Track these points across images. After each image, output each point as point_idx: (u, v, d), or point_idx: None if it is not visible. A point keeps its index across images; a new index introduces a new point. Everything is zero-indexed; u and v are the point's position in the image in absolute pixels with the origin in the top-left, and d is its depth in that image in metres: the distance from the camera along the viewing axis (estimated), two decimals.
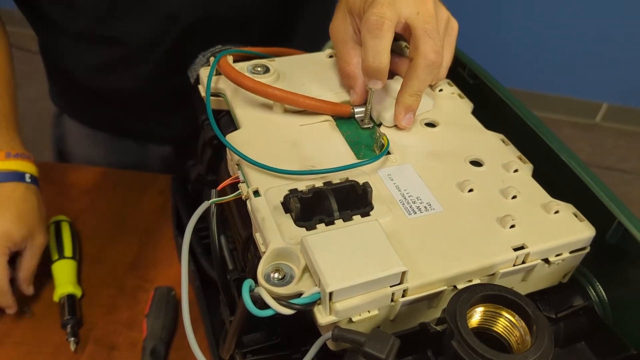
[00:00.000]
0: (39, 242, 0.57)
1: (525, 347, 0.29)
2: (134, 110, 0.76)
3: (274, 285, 0.31)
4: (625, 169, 1.94)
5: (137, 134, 0.81)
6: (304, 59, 0.50)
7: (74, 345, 0.55)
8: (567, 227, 0.36)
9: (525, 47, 1.98)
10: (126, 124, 0.79)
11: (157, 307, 0.57)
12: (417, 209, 0.36)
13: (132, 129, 0.80)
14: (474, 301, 0.30)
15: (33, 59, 0.66)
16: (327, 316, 0.30)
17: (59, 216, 0.66)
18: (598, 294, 0.39)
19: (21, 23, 0.69)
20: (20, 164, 0.57)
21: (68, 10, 0.62)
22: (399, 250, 0.32)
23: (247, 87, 0.42)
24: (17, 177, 0.56)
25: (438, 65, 0.41)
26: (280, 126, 0.42)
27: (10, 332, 0.56)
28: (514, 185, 0.39)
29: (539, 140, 0.43)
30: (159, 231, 0.68)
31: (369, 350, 0.28)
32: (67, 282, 0.59)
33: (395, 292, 0.31)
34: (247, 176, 0.38)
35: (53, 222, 0.65)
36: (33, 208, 0.56)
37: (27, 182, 0.56)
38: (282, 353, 0.37)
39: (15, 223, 0.54)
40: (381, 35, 0.39)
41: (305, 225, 0.34)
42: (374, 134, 0.43)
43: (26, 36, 0.67)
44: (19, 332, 0.56)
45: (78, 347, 0.56)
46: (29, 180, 0.57)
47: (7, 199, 0.55)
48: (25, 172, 0.57)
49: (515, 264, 0.35)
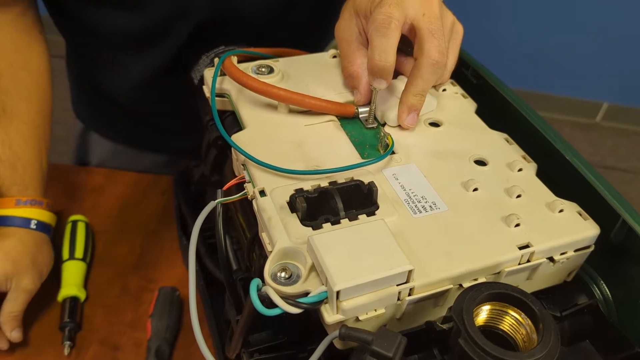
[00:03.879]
0: (25, 286, 0.54)
1: (532, 345, 0.29)
2: (163, 124, 0.76)
3: (281, 285, 0.31)
4: (625, 169, 1.94)
5: (166, 149, 0.81)
6: (307, 59, 0.50)
7: (68, 349, 0.55)
8: (571, 226, 0.36)
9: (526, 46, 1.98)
10: (153, 137, 0.79)
11: (161, 308, 0.57)
12: (423, 208, 0.37)
13: (160, 143, 0.80)
14: (481, 299, 0.30)
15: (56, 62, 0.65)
16: (334, 315, 0.30)
17: (77, 216, 0.66)
18: (602, 293, 0.39)
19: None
20: (30, 211, 0.56)
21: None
22: (405, 249, 0.32)
23: (252, 87, 0.42)
24: (22, 223, 0.56)
25: (442, 65, 0.41)
26: (285, 126, 0.42)
27: None
28: (518, 184, 0.39)
29: (542, 139, 0.43)
30: (162, 232, 0.68)
31: (377, 349, 0.28)
32: (72, 284, 0.59)
33: (402, 290, 0.31)
34: (253, 176, 0.38)
35: (71, 221, 0.65)
36: (27, 252, 0.55)
37: (31, 228, 0.56)
38: (289, 352, 0.37)
39: (1, 260, 0.53)
40: (388, 34, 0.40)
41: (311, 225, 0.34)
42: (378, 134, 0.43)
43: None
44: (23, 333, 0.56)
45: (73, 351, 0.55)
46: (34, 227, 0.56)
47: (3, 237, 0.54)
48: (32, 219, 0.56)
49: (521, 263, 0.35)
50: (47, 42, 0.63)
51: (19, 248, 0.55)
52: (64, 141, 0.86)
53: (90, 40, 0.67)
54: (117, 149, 0.81)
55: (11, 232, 0.55)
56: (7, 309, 0.54)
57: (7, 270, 0.53)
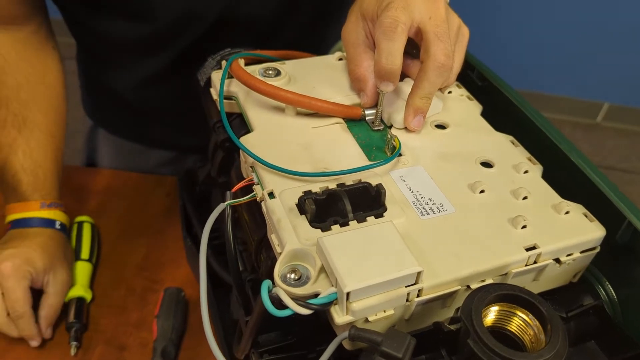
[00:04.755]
0: (62, 277, 0.58)
1: (540, 346, 0.29)
2: (170, 121, 0.77)
3: (291, 286, 0.31)
4: (626, 169, 1.94)
5: (173, 145, 0.82)
6: (313, 61, 0.51)
7: (74, 349, 0.55)
8: (577, 228, 0.37)
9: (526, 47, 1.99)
10: (159, 133, 0.80)
11: (167, 308, 0.57)
12: (430, 210, 0.37)
13: (166, 139, 0.81)
14: (489, 300, 0.30)
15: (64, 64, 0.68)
16: (344, 316, 0.31)
17: (83, 217, 0.66)
18: (608, 294, 0.39)
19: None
20: (53, 213, 0.61)
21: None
22: (413, 250, 0.32)
23: (260, 90, 0.43)
24: (48, 223, 0.60)
25: (448, 68, 0.41)
26: (293, 128, 0.43)
27: None
28: (524, 186, 0.39)
29: (547, 141, 0.43)
30: (167, 232, 0.68)
31: (386, 350, 0.28)
32: (78, 285, 0.59)
33: (411, 292, 0.32)
34: (262, 178, 0.38)
35: (76, 222, 0.65)
36: (58, 246, 0.60)
37: (56, 228, 0.61)
38: (298, 353, 0.37)
39: (38, 252, 0.57)
40: (395, 38, 0.40)
41: (320, 227, 0.34)
42: (384, 136, 0.43)
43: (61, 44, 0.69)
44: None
45: (79, 351, 0.56)
46: (59, 228, 0.61)
47: (34, 236, 0.58)
48: (56, 220, 0.61)
49: (527, 264, 0.35)
50: (60, 55, 0.67)
51: (51, 244, 0.59)
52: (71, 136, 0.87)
53: (101, 45, 0.69)
54: (124, 145, 0.83)
55: (40, 231, 0.59)
56: (48, 302, 0.57)
57: (46, 262, 0.57)
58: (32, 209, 0.60)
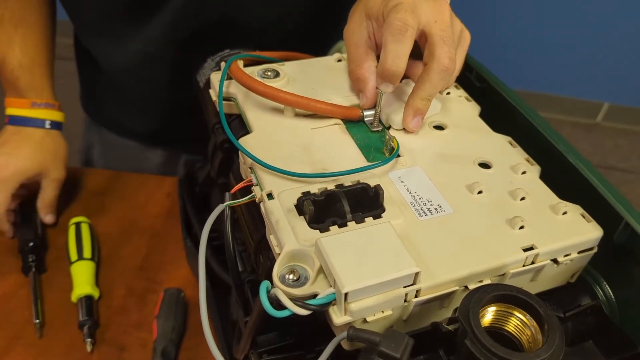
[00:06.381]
0: (55, 176, 0.65)
1: (537, 346, 0.30)
2: (164, 116, 0.77)
3: (290, 287, 0.31)
4: (626, 169, 1.94)
5: (172, 142, 0.82)
6: (312, 63, 0.51)
7: (90, 346, 0.56)
8: (575, 228, 0.37)
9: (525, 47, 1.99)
10: (157, 130, 0.80)
11: (167, 309, 0.57)
12: (428, 211, 0.37)
13: (163, 136, 0.80)
14: (486, 301, 0.30)
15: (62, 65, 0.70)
16: (342, 316, 0.31)
17: (79, 217, 0.67)
18: (605, 294, 0.39)
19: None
20: (44, 112, 0.65)
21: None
22: (411, 251, 0.32)
23: (258, 91, 0.43)
24: (37, 123, 0.65)
25: (451, 72, 0.42)
26: (292, 130, 0.43)
27: (22, 333, 0.57)
28: (522, 187, 0.39)
29: (545, 142, 0.43)
30: (166, 233, 0.68)
31: (385, 350, 0.28)
32: (85, 283, 0.60)
33: (409, 292, 0.32)
34: (261, 179, 0.38)
35: (73, 223, 0.66)
36: (48, 148, 0.65)
37: (46, 128, 0.65)
38: (297, 353, 0.38)
39: (28, 160, 0.63)
40: (403, 41, 0.40)
41: (318, 228, 0.34)
42: (383, 137, 0.43)
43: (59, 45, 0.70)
44: (29, 334, 0.57)
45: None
46: (49, 127, 0.65)
47: (22, 140, 0.64)
48: (46, 119, 0.65)
49: (525, 265, 0.35)
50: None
51: (40, 146, 0.64)
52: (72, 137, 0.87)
53: (92, 13, 0.69)
54: (122, 142, 0.83)
55: (31, 132, 0.65)
56: (43, 195, 0.66)
57: (36, 169, 0.64)
58: (24, 106, 0.64)
